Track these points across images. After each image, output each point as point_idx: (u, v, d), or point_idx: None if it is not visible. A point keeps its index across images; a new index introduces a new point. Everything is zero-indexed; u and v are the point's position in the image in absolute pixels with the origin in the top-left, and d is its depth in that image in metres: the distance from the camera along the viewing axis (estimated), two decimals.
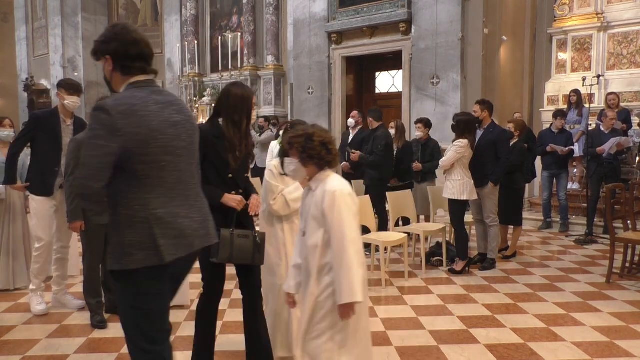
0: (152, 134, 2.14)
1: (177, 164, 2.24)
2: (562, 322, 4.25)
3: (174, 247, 2.17)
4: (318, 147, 2.48)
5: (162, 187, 2.19)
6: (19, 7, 19.08)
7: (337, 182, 2.51)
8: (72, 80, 4.63)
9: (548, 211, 8.19)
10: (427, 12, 9.86)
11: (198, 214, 2.32)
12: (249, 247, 3.02)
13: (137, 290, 2.17)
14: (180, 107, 2.31)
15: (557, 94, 9.97)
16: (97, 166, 2.08)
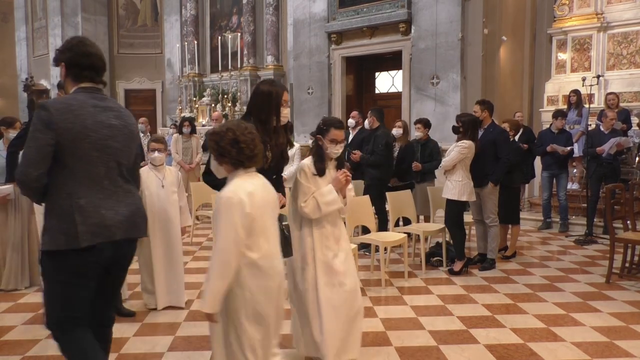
0: (85, 131, 2.42)
1: (107, 161, 2.51)
2: (562, 322, 4.25)
3: (92, 235, 2.42)
4: (228, 145, 2.44)
5: (88, 180, 2.46)
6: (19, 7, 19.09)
7: (234, 186, 2.44)
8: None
9: (548, 211, 8.19)
10: (426, 12, 9.86)
11: (125, 209, 2.55)
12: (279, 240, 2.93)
13: (59, 270, 2.44)
14: (120, 114, 2.61)
15: (556, 94, 9.98)
16: (35, 156, 2.37)
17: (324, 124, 3.41)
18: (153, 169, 4.58)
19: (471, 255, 6.07)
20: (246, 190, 2.42)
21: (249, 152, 2.46)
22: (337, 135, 3.35)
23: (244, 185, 2.44)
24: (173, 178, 4.67)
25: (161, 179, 4.56)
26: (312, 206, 3.26)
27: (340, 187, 3.35)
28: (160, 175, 4.57)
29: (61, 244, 2.39)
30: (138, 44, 17.35)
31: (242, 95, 13.59)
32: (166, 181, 4.56)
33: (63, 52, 2.59)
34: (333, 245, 3.36)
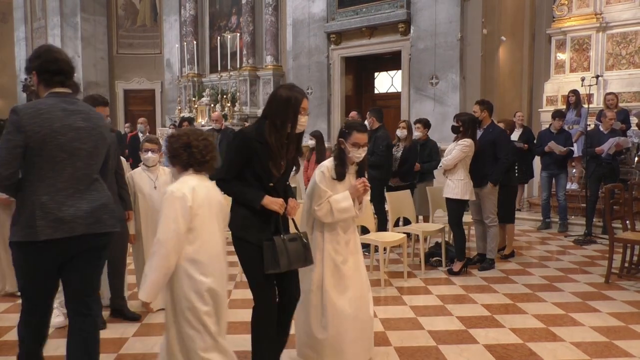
0: (52, 134, 2.60)
1: (75, 162, 2.69)
2: (561, 322, 4.25)
3: (51, 229, 2.60)
4: (180, 148, 2.63)
5: (53, 179, 2.64)
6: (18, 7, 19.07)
7: (179, 183, 2.61)
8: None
9: (547, 211, 8.19)
10: (426, 13, 9.87)
11: (87, 205, 2.72)
12: (300, 249, 2.93)
13: (22, 261, 2.68)
14: (88, 116, 2.79)
15: (556, 94, 9.98)
16: (6, 156, 2.55)
17: (346, 127, 3.38)
18: (146, 170, 4.53)
19: (470, 255, 6.07)
20: (190, 185, 2.58)
21: (200, 157, 2.64)
22: (359, 138, 3.31)
23: (189, 182, 2.61)
24: (167, 178, 4.58)
25: (154, 179, 4.50)
26: (325, 211, 3.24)
27: (358, 195, 3.32)
28: (152, 176, 4.51)
29: (23, 236, 2.60)
30: (137, 44, 17.35)
31: (242, 95, 13.60)
32: (159, 182, 4.48)
33: (32, 60, 2.78)
34: (343, 249, 3.35)
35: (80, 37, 16.82)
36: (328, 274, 3.28)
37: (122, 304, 4.35)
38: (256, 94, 13.75)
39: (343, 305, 3.28)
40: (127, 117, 15.92)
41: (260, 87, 13.78)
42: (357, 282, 3.36)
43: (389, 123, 10.09)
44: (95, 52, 17.03)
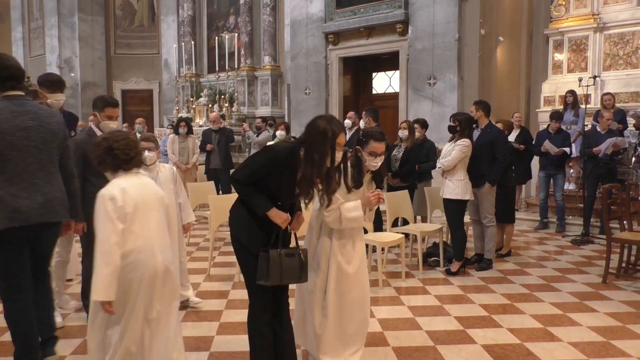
0: (1, 135, 2.95)
1: (25, 158, 3.05)
2: (559, 322, 4.26)
3: (8, 219, 2.97)
4: (103, 154, 2.72)
5: (6, 174, 3.00)
6: (15, 8, 19.04)
7: (109, 186, 2.69)
8: (53, 75, 4.39)
9: (545, 211, 8.21)
10: (423, 13, 9.88)
11: (42, 197, 3.11)
12: (295, 266, 2.89)
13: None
14: (37, 115, 3.14)
15: (553, 95, 9.99)
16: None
17: (363, 136, 3.37)
18: (145, 169, 4.51)
19: (468, 255, 6.07)
20: (120, 187, 2.68)
21: (124, 156, 2.74)
22: (376, 147, 3.30)
23: (119, 183, 2.71)
24: (167, 175, 4.52)
25: (154, 179, 4.40)
26: (334, 217, 3.20)
27: (370, 206, 3.31)
28: (152, 175, 4.38)
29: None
30: (135, 44, 17.34)
31: (239, 95, 13.60)
32: (160, 180, 4.40)
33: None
34: (350, 251, 3.35)
35: (78, 37, 16.80)
36: (332, 276, 3.28)
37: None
38: (254, 94, 13.76)
39: (343, 306, 3.29)
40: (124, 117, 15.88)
41: (258, 87, 13.78)
42: (359, 285, 3.37)
43: (387, 123, 10.13)
44: (92, 52, 17.02)
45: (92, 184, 3.79)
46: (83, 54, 16.89)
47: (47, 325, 3.37)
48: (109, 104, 4.07)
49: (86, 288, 4.09)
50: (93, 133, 4.07)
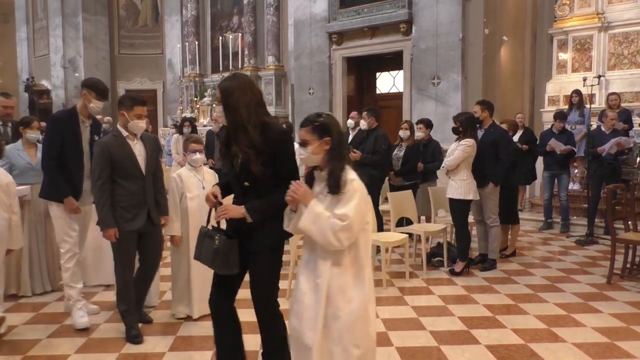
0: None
1: None
2: (563, 323, 4.25)
3: None
4: None
5: None
6: (20, 8, 19.09)
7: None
8: (102, 84, 4.20)
9: (549, 212, 8.18)
10: (427, 13, 9.86)
11: None
12: (209, 249, 2.80)
13: None
14: None
15: (557, 94, 9.96)
16: None
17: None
18: (192, 170, 4.34)
19: (472, 255, 6.06)
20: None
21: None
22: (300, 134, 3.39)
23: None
24: (211, 179, 4.39)
25: (201, 180, 4.32)
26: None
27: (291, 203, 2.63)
28: (199, 176, 4.34)
29: None
30: (139, 45, 17.37)
31: None
32: (206, 182, 4.30)
33: None
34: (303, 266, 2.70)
35: (82, 38, 16.84)
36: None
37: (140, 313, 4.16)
38: None
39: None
40: None
41: (262, 87, 13.76)
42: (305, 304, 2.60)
43: (391, 123, 10.12)
44: (96, 52, 17.06)
45: (122, 187, 3.76)
46: (87, 54, 16.92)
47: None
48: (137, 103, 3.88)
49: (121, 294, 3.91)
50: (119, 134, 3.86)
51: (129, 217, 3.77)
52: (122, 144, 3.81)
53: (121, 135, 3.84)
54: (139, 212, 3.82)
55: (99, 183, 3.73)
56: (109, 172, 3.73)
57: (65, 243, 4.20)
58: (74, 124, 4.14)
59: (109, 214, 3.72)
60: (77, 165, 4.17)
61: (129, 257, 3.87)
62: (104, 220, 3.74)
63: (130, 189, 3.79)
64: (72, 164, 4.14)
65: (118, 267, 3.88)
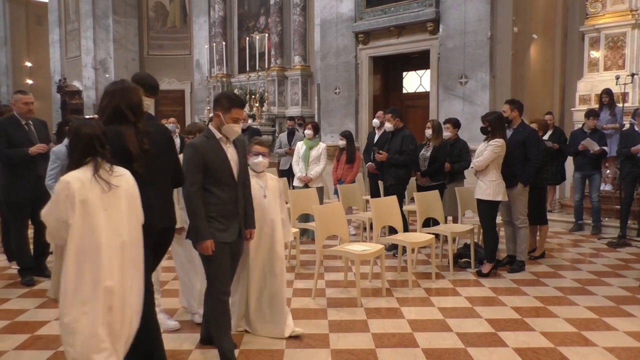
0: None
1: None
2: (594, 327, 4.16)
3: None
4: None
5: None
6: (52, 10, 19.54)
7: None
8: (151, 79, 3.76)
9: (580, 213, 8.02)
10: (455, 11, 9.77)
11: None
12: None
13: None
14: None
15: (589, 93, 9.75)
16: None
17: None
18: (255, 176, 3.92)
19: (500, 257, 5.98)
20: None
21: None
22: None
23: None
24: (275, 184, 4.08)
25: (263, 187, 3.96)
26: None
27: None
28: (262, 183, 3.96)
29: None
30: (167, 46, 17.61)
31: (270, 95, 13.67)
32: (269, 190, 3.97)
33: None
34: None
35: (112, 39, 17.15)
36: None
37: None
38: (284, 94, 13.82)
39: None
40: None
41: (289, 87, 13.83)
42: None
43: (417, 122, 10.06)
44: (126, 54, 17.36)
45: (213, 194, 3.39)
46: (117, 55, 17.23)
47: None
48: (235, 104, 3.47)
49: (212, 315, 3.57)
50: (212, 135, 3.47)
51: (222, 227, 3.39)
52: (215, 146, 3.43)
53: (214, 138, 3.46)
54: (232, 222, 3.46)
55: (192, 189, 3.31)
56: (202, 177, 3.35)
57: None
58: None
59: (204, 224, 3.32)
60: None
61: (224, 271, 3.45)
62: (199, 231, 3.31)
63: (222, 197, 3.41)
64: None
65: (212, 286, 3.46)
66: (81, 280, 2.61)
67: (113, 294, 2.66)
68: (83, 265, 2.61)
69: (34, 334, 4.03)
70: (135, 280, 2.80)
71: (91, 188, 2.65)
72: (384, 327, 4.16)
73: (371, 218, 5.85)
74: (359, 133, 11.29)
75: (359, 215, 7.25)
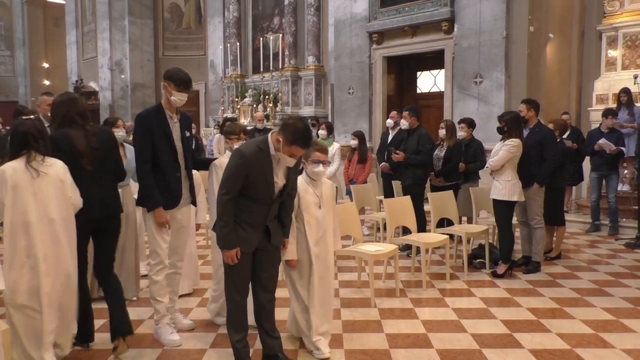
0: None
1: None
2: (612, 328, 4.10)
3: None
4: None
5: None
6: (70, 12, 19.79)
7: None
8: (184, 73, 3.81)
9: (596, 213, 7.93)
10: (470, 11, 9.71)
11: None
12: None
13: None
14: None
15: (606, 93, 9.63)
16: None
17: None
18: (309, 184, 3.68)
19: (515, 257, 5.93)
20: None
21: None
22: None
23: None
24: (331, 194, 3.81)
25: (319, 196, 3.68)
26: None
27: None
28: (318, 192, 3.68)
29: None
30: (182, 46, 17.74)
31: (284, 95, 13.70)
32: (324, 199, 3.70)
33: None
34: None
35: (128, 40, 17.32)
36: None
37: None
38: (298, 95, 13.84)
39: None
40: None
41: (302, 87, 13.85)
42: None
43: (431, 122, 10.01)
44: (142, 55, 17.51)
45: (246, 204, 3.28)
46: (133, 56, 17.39)
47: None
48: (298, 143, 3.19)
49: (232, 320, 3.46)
50: (267, 149, 3.28)
51: (244, 236, 3.29)
52: (265, 162, 3.25)
53: (268, 152, 3.25)
54: (256, 232, 3.33)
55: (225, 197, 3.20)
56: (240, 188, 3.22)
57: (156, 255, 3.83)
58: (162, 121, 3.76)
59: (232, 233, 3.24)
60: (171, 165, 3.77)
61: (241, 279, 3.37)
62: (227, 239, 3.24)
63: (253, 209, 3.30)
64: (166, 164, 3.75)
65: (229, 290, 3.41)
66: (15, 249, 3.18)
67: (45, 261, 3.21)
68: (17, 238, 3.19)
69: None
70: (67, 251, 3.33)
71: (22, 175, 3.19)
72: (397, 328, 4.14)
73: (385, 218, 5.83)
74: (373, 133, 11.27)
75: (372, 215, 7.23)
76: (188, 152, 3.91)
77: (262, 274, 3.42)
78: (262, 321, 3.46)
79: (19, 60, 22.94)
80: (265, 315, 3.46)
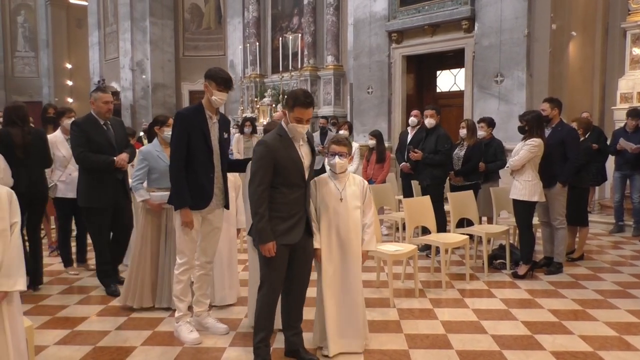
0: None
1: None
2: (636, 331, 4.03)
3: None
4: None
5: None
6: (92, 13, 20.05)
7: None
8: (225, 72, 3.84)
9: (620, 214, 7.80)
10: (491, 9, 9.62)
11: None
12: None
13: None
14: None
15: (630, 91, 9.46)
16: None
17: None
18: (332, 178, 3.62)
19: (536, 258, 5.86)
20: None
21: None
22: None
23: None
24: (357, 189, 3.67)
25: (340, 190, 3.59)
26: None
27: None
28: (340, 186, 3.60)
29: None
30: (202, 46, 17.87)
31: None
32: (346, 192, 3.59)
33: None
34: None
35: (149, 41, 17.49)
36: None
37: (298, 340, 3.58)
38: (317, 94, 13.84)
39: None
40: None
41: (321, 87, 13.86)
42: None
43: (451, 122, 9.94)
44: (162, 55, 17.68)
45: (282, 193, 3.29)
46: (154, 57, 17.57)
47: None
48: (298, 103, 3.28)
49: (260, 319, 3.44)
50: (285, 134, 3.35)
51: (286, 228, 3.29)
52: (288, 145, 3.32)
53: (287, 136, 3.34)
54: (297, 223, 3.34)
55: (259, 190, 3.21)
56: (271, 177, 3.25)
57: (183, 254, 3.83)
58: (201, 120, 3.73)
59: (268, 226, 3.23)
60: (205, 166, 3.74)
61: (278, 275, 3.36)
62: (262, 232, 3.23)
63: (289, 197, 3.31)
64: (199, 165, 3.72)
65: (264, 287, 3.38)
66: None
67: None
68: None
69: (74, 329, 4.14)
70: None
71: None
72: (417, 328, 4.13)
73: (404, 218, 5.81)
74: (392, 133, 11.22)
75: (391, 215, 7.21)
76: (224, 154, 3.89)
77: (296, 271, 3.43)
78: (290, 318, 3.50)
79: (43, 61, 23.32)
80: (294, 314, 3.52)
